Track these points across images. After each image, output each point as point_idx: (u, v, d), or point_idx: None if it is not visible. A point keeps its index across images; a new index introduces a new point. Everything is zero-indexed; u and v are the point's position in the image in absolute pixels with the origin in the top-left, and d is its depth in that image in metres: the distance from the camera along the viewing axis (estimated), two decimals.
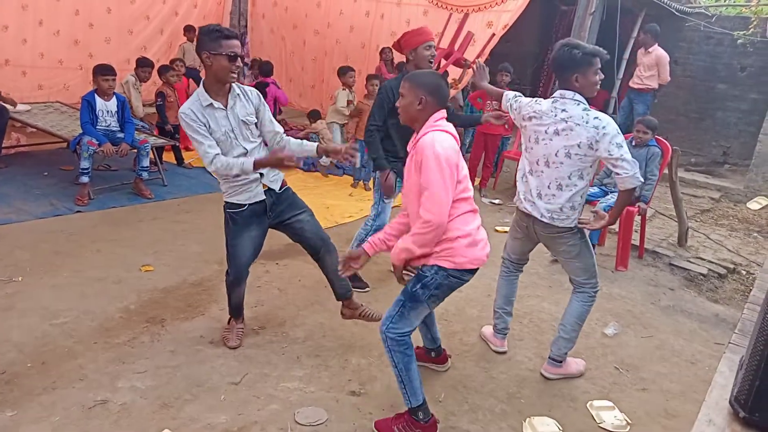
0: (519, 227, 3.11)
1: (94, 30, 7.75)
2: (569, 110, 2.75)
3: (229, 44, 2.64)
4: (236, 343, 3.08)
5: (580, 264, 2.98)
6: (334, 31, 8.94)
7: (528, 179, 2.93)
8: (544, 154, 2.82)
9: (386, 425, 2.51)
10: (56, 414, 2.45)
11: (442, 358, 3.03)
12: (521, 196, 2.98)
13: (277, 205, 2.98)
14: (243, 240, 2.93)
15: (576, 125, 2.71)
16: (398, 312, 2.44)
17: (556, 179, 2.81)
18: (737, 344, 1.93)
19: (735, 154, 9.43)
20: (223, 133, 2.75)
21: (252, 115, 2.86)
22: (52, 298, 3.39)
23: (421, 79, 2.43)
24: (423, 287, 2.40)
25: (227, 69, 2.65)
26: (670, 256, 5.05)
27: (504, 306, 3.27)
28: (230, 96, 2.77)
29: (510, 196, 6.61)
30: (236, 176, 2.80)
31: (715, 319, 4.04)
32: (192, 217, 4.97)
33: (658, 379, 3.20)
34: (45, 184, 5.37)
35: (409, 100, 2.39)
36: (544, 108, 2.84)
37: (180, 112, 2.72)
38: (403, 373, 2.43)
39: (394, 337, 2.41)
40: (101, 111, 5.15)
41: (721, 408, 1.57)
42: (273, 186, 2.95)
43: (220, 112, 2.74)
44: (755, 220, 6.66)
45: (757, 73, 9.18)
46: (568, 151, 2.75)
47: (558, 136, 2.77)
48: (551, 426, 2.66)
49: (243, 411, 2.58)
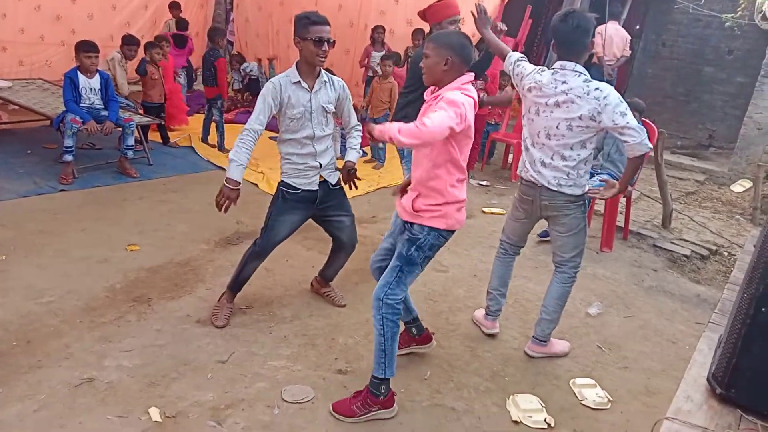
0: (522, 204, 3.03)
1: (76, 5, 7.60)
2: (569, 82, 2.72)
3: (316, 30, 2.81)
4: (223, 323, 3.08)
5: (575, 240, 2.97)
6: (321, 9, 8.77)
7: (531, 150, 2.90)
8: (544, 127, 2.80)
9: (345, 406, 2.51)
10: (42, 392, 2.45)
11: (426, 336, 2.98)
12: (527, 165, 2.92)
13: (327, 198, 3.13)
14: (285, 219, 3.06)
15: (577, 97, 2.69)
16: (396, 277, 2.46)
17: (558, 151, 2.80)
18: (717, 323, 1.96)
19: (720, 137, 9.51)
20: (300, 112, 2.92)
21: (332, 104, 3.03)
22: (37, 277, 3.36)
23: (446, 39, 2.42)
24: (418, 249, 2.45)
25: (314, 53, 2.84)
26: (654, 238, 5.11)
27: (499, 288, 3.26)
28: (318, 81, 2.95)
29: (498, 179, 6.64)
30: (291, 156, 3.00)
31: (696, 300, 4.11)
32: (178, 196, 4.94)
33: (640, 357, 3.26)
34: (28, 162, 5.29)
35: (435, 60, 2.37)
36: (545, 80, 2.79)
37: (269, 81, 2.92)
38: (388, 342, 2.45)
39: (391, 303, 2.44)
40: (84, 88, 5.06)
41: (699, 385, 1.60)
42: (329, 179, 3.11)
43: (305, 92, 2.92)
44: (738, 202, 6.75)
45: (744, 56, 9.22)
46: (569, 123, 2.73)
47: (558, 108, 2.74)
48: (534, 403, 2.71)
49: (230, 389, 2.60)
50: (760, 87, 7.37)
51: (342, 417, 2.49)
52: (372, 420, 2.49)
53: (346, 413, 2.49)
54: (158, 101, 6.24)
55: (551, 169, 2.82)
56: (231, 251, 3.97)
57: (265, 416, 2.46)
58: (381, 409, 2.49)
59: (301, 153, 3.00)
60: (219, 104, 6.39)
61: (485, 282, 3.93)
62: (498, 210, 5.48)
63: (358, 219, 4.84)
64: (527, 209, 3.02)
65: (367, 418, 2.48)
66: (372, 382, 2.49)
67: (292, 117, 2.92)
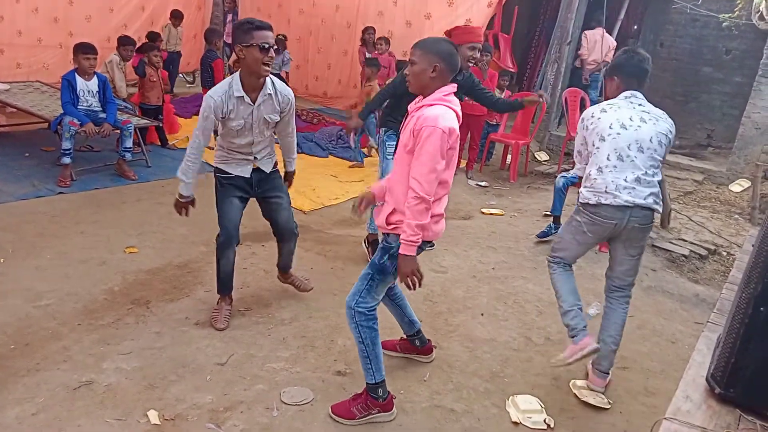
0: (597, 229, 2.77)
1: (74, 7, 7.60)
2: (645, 105, 2.78)
3: (261, 35, 2.66)
4: (224, 326, 3.08)
5: (640, 261, 2.87)
6: (319, 10, 8.84)
7: (616, 168, 2.68)
8: (635, 140, 2.67)
9: (344, 408, 2.50)
10: (41, 395, 2.44)
11: (427, 348, 2.96)
12: (613, 188, 2.66)
13: (263, 182, 3.12)
14: (228, 201, 3.05)
15: (657, 118, 2.74)
16: (367, 285, 2.42)
17: (651, 165, 2.69)
18: (715, 323, 1.97)
19: (719, 137, 9.52)
20: (241, 124, 2.87)
21: (276, 115, 2.97)
22: (36, 280, 3.36)
23: (435, 45, 2.34)
24: (390, 258, 2.38)
25: (259, 60, 2.68)
26: (653, 238, 5.11)
27: (576, 302, 2.88)
28: (261, 93, 2.84)
29: (496, 179, 6.64)
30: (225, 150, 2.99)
31: (695, 299, 4.11)
32: None
33: (639, 357, 3.26)
34: (26, 165, 5.28)
35: (422, 67, 2.30)
36: (620, 102, 2.79)
37: (207, 95, 2.80)
38: (369, 348, 2.43)
39: (363, 311, 2.40)
40: (82, 91, 5.06)
41: (698, 384, 1.60)
42: (263, 167, 3.08)
43: (247, 106, 2.84)
44: (737, 202, 6.76)
45: (742, 56, 9.23)
46: (659, 139, 2.70)
47: (645, 123, 2.70)
48: (534, 404, 2.71)
49: (229, 391, 2.59)
50: (758, 87, 7.37)
51: (341, 419, 2.48)
52: (371, 422, 2.48)
53: (345, 415, 2.48)
54: (156, 103, 6.23)
55: (645, 185, 2.67)
56: None
57: (264, 418, 2.45)
58: (380, 412, 2.49)
59: (238, 151, 2.98)
60: None
61: (484, 283, 3.94)
62: (497, 210, 5.47)
63: (356, 221, 4.85)
64: (604, 234, 2.80)
65: (365, 421, 2.48)
66: (369, 387, 2.48)
67: (233, 128, 2.87)
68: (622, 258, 2.84)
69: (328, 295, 3.56)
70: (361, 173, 6.17)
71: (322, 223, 4.75)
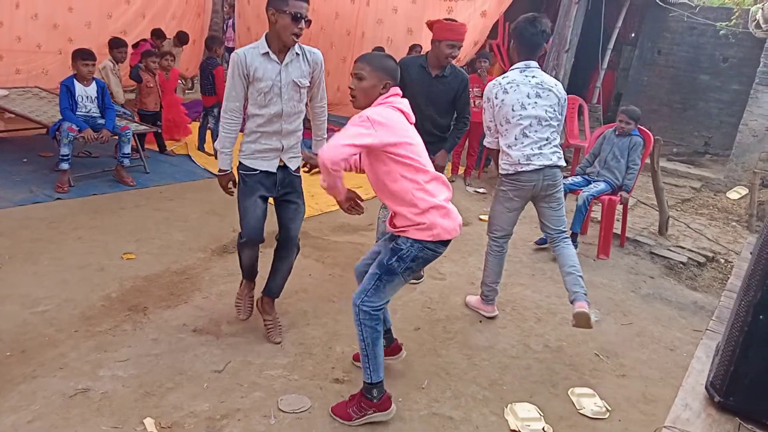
0: (520, 193, 3.34)
1: (73, 14, 7.61)
2: (538, 76, 3.24)
3: (296, 4, 2.64)
4: (246, 316, 3.16)
5: (562, 210, 3.40)
6: (318, 17, 8.85)
7: (523, 144, 3.23)
8: (535, 116, 3.20)
9: (342, 409, 2.52)
10: (36, 402, 2.43)
11: (395, 347, 2.88)
12: (524, 159, 3.22)
13: (286, 183, 2.99)
14: (250, 201, 2.91)
15: (549, 89, 3.23)
16: (374, 285, 2.42)
17: (551, 132, 3.27)
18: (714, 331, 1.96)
19: (716, 144, 9.55)
20: (268, 86, 2.75)
21: (306, 78, 2.85)
22: (33, 286, 3.34)
23: (385, 63, 2.38)
24: (399, 260, 2.39)
25: (289, 28, 2.66)
26: (651, 245, 5.12)
27: (497, 280, 3.53)
28: (288, 53, 2.77)
29: (494, 186, 6.63)
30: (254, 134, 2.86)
31: (693, 307, 4.11)
32: (174, 204, 4.92)
33: (638, 365, 3.25)
34: (24, 170, 5.28)
35: (372, 83, 2.34)
36: (517, 78, 3.23)
37: (233, 53, 2.75)
38: (369, 348, 2.43)
39: (368, 311, 2.41)
40: (81, 96, 5.06)
41: (697, 393, 1.60)
42: (289, 165, 2.97)
43: (275, 65, 2.76)
44: (734, 209, 6.77)
45: (739, 64, 9.28)
46: (554, 110, 3.25)
47: (540, 98, 3.21)
48: (532, 412, 2.70)
49: (226, 399, 2.58)
50: (755, 94, 7.41)
51: (340, 420, 2.50)
52: (369, 423, 2.48)
53: (343, 416, 2.50)
54: (154, 109, 6.23)
55: (548, 148, 3.25)
56: (227, 259, 3.96)
57: (261, 426, 2.44)
58: (376, 412, 2.49)
59: (267, 131, 2.85)
60: (216, 112, 6.38)
61: None
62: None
63: (354, 227, 4.85)
64: (525, 198, 3.38)
65: (363, 421, 2.48)
66: (364, 387, 2.49)
67: (260, 90, 2.76)
68: (547, 213, 3.41)
69: (326, 301, 3.55)
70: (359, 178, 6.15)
71: (321, 229, 4.74)
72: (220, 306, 3.35)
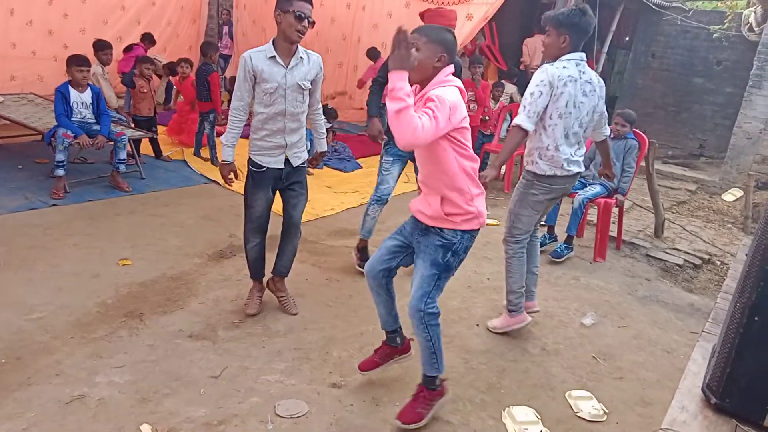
0: (551, 196, 3.26)
1: (68, 20, 7.61)
2: (587, 72, 3.13)
3: (299, 5, 2.84)
4: (254, 311, 3.28)
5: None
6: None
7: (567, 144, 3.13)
8: (577, 117, 3.11)
9: (410, 412, 2.50)
10: (32, 410, 2.41)
11: (407, 346, 2.83)
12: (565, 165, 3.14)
13: (291, 176, 3.19)
14: (257, 196, 3.15)
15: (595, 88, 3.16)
16: (435, 286, 2.43)
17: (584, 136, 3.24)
18: (710, 333, 1.97)
19: (711, 146, 9.60)
20: (273, 87, 2.95)
21: (308, 81, 3.05)
22: (28, 293, 3.33)
23: (441, 34, 2.29)
24: (453, 254, 2.42)
25: (293, 26, 2.85)
26: (647, 247, 5.13)
27: (524, 284, 3.36)
28: (294, 57, 2.98)
29: (491, 189, 6.64)
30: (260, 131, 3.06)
31: (690, 309, 4.12)
32: (171, 210, 4.91)
33: (635, 368, 3.26)
34: (19, 177, 5.26)
35: (427, 55, 2.22)
36: (574, 73, 3.07)
37: (242, 56, 2.94)
38: (436, 344, 2.48)
39: (432, 312, 2.42)
40: (76, 103, 5.05)
41: (693, 395, 1.60)
42: (293, 161, 3.15)
43: (280, 68, 2.95)
44: (729, 211, 6.80)
45: (732, 67, 9.34)
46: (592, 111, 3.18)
47: (586, 97, 3.11)
48: (530, 415, 2.70)
49: (223, 404, 2.57)
50: (749, 97, 7.45)
51: (414, 425, 2.48)
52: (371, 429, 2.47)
53: (415, 419, 2.49)
54: (148, 114, 6.22)
55: (581, 156, 3.23)
56: (224, 265, 3.95)
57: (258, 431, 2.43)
58: (440, 399, 2.56)
59: (271, 128, 3.03)
60: (211, 118, 6.39)
61: (479, 293, 3.94)
62: (491, 221, 5.48)
63: (351, 232, 4.85)
64: (555, 199, 3.33)
65: (432, 414, 2.54)
66: (425, 380, 2.54)
67: (265, 91, 2.95)
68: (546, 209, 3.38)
69: (324, 306, 3.55)
70: (355, 183, 6.18)
71: (317, 234, 4.74)
72: (217, 311, 3.34)
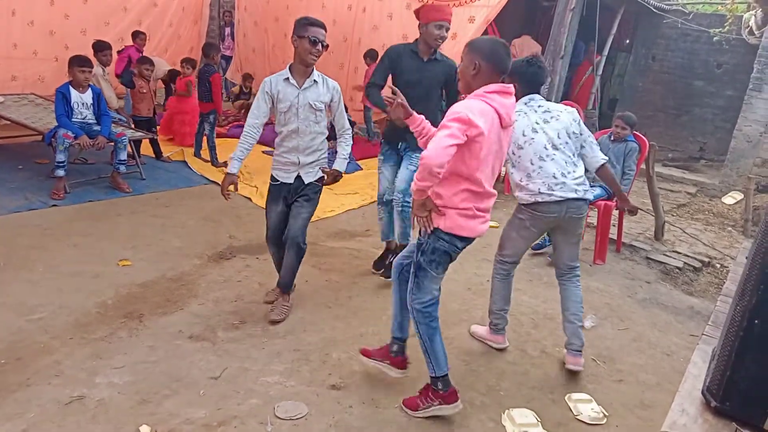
0: (538, 224, 3.05)
1: (69, 21, 7.62)
2: (544, 105, 3.07)
3: (313, 30, 3.09)
4: (278, 317, 3.30)
5: (579, 245, 3.19)
6: None
7: (542, 167, 2.95)
8: (548, 139, 2.98)
9: (411, 399, 2.64)
10: (31, 411, 2.41)
11: (399, 361, 2.81)
12: (545, 189, 2.93)
13: (299, 190, 3.32)
14: (272, 208, 3.37)
15: (559, 112, 3.05)
16: (414, 282, 2.53)
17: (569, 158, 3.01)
18: (710, 336, 1.97)
19: (711, 149, 9.60)
20: (287, 106, 3.16)
21: (320, 102, 3.22)
22: (28, 293, 3.33)
23: (477, 43, 2.42)
24: (422, 254, 2.50)
25: (308, 50, 3.08)
26: (647, 250, 5.13)
27: (504, 307, 3.28)
28: (308, 80, 3.18)
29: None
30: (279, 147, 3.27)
31: (690, 312, 4.12)
32: (171, 211, 4.92)
33: (635, 370, 3.26)
34: (19, 177, 5.26)
35: (465, 64, 2.40)
36: (524, 108, 3.04)
37: (264, 80, 3.19)
38: (427, 344, 2.54)
39: (419, 309, 2.52)
40: (76, 103, 5.05)
41: (693, 398, 1.60)
42: (305, 178, 3.30)
43: (293, 89, 3.16)
44: (729, 214, 6.80)
45: (733, 70, 9.34)
46: (567, 132, 3.02)
47: (548, 123, 3.00)
48: (530, 418, 2.70)
49: (222, 405, 2.57)
50: (749, 100, 7.46)
51: (407, 409, 2.61)
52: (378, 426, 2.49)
53: (410, 406, 2.62)
54: (147, 115, 6.22)
55: (571, 178, 2.98)
56: (224, 266, 3.95)
57: None
58: (442, 404, 2.56)
59: (287, 146, 3.24)
60: (212, 119, 6.39)
61: (479, 295, 3.94)
62: (491, 223, 5.47)
63: (351, 233, 4.85)
64: (543, 228, 3.14)
65: (428, 413, 2.57)
66: (430, 379, 2.59)
67: (280, 111, 3.18)
68: (563, 246, 3.16)
69: (323, 308, 3.55)
70: (355, 185, 6.18)
71: (317, 235, 4.74)
72: (217, 312, 3.34)
